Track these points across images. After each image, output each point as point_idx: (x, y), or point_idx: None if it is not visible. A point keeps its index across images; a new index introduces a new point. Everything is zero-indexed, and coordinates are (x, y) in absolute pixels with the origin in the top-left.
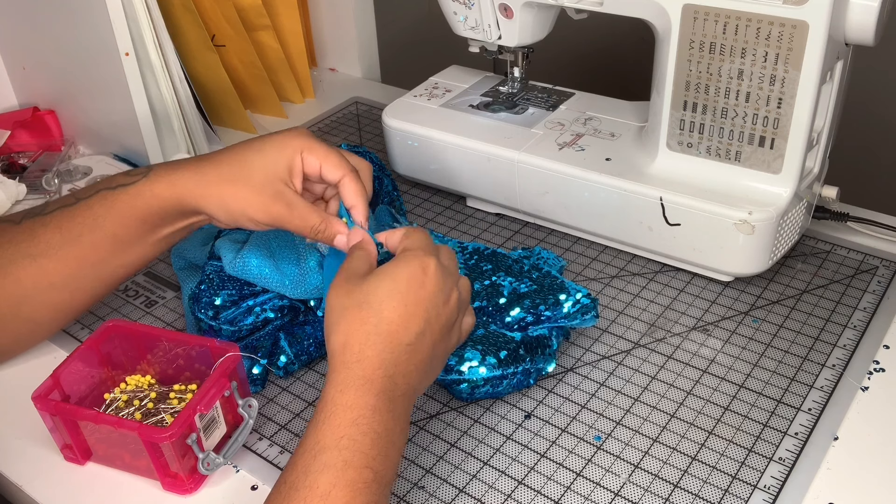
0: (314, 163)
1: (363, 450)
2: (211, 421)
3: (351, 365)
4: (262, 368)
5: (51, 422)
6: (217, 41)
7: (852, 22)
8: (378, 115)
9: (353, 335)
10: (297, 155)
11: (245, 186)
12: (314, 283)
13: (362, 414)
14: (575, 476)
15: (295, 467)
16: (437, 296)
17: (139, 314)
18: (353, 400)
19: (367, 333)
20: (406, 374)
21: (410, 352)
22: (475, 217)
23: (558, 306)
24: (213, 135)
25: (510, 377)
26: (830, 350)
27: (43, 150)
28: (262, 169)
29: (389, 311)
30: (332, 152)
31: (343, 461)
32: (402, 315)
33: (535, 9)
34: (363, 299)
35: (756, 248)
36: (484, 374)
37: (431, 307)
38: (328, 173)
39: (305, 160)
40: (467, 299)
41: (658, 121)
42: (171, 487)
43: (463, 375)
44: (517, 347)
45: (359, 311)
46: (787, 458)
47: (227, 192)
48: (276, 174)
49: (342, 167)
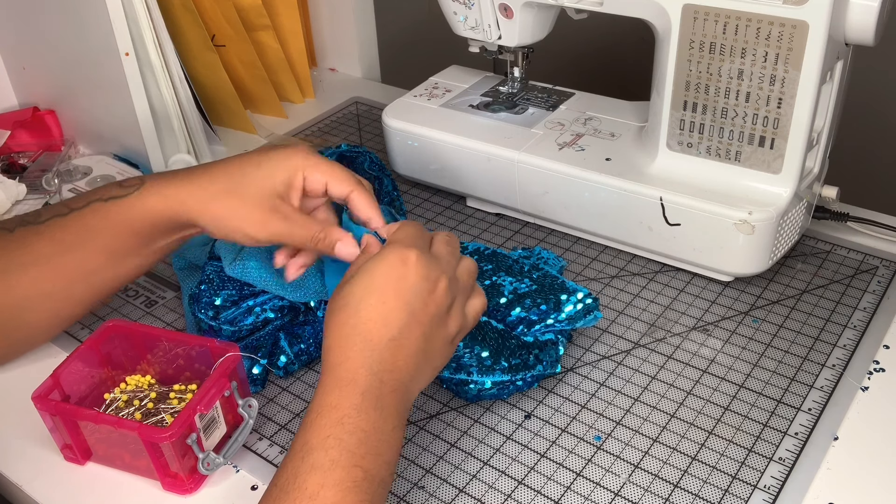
0: (319, 180)
1: (350, 448)
2: (211, 421)
3: (335, 367)
4: (262, 368)
5: (51, 422)
6: (217, 41)
7: (852, 22)
8: (378, 115)
9: (335, 338)
10: (297, 173)
11: (240, 201)
12: (314, 287)
13: (347, 413)
14: (575, 476)
15: (285, 470)
16: (420, 285)
17: (139, 314)
18: (337, 400)
19: (346, 336)
20: (394, 370)
21: (395, 347)
22: (475, 217)
23: (559, 306)
24: (213, 135)
25: (518, 382)
26: (830, 350)
27: (43, 150)
28: (259, 183)
29: (366, 309)
30: (337, 168)
31: (330, 461)
32: (381, 311)
33: (535, 9)
34: (343, 302)
35: (756, 248)
36: (494, 378)
37: (415, 298)
38: (335, 189)
39: (309, 178)
40: (470, 282)
41: (658, 121)
42: (171, 487)
43: (472, 377)
44: (528, 355)
45: (340, 314)
46: (787, 458)
47: (221, 206)
48: (272, 189)
49: (349, 182)
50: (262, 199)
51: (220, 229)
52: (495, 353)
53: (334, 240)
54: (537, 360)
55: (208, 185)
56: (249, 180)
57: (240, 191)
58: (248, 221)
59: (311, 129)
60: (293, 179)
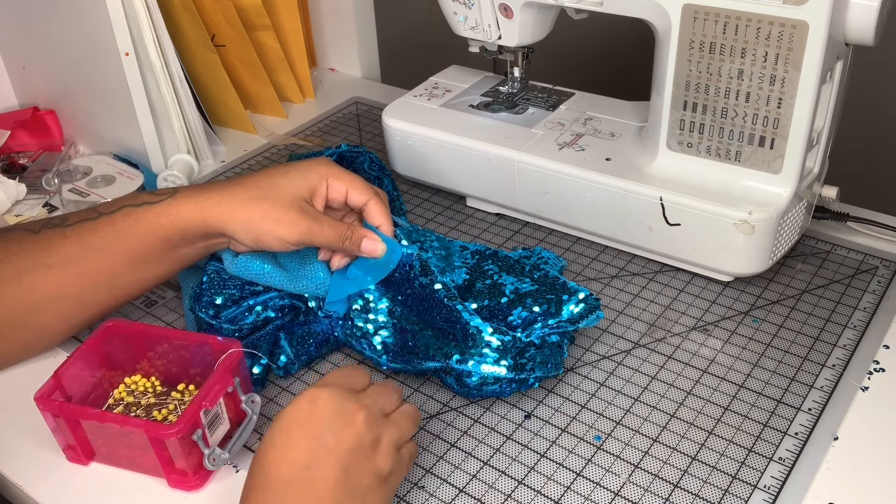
0: (340, 188)
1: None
2: (215, 417)
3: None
4: (263, 368)
5: (53, 422)
6: (217, 41)
7: (852, 22)
8: (378, 115)
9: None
10: (322, 181)
11: (271, 205)
12: (315, 279)
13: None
14: (575, 476)
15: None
16: (332, 419)
17: (139, 314)
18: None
19: (252, 484)
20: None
21: (305, 481)
22: (475, 217)
23: (560, 306)
24: (213, 135)
25: (520, 382)
26: (830, 350)
27: (43, 150)
28: (287, 189)
29: (271, 450)
30: (357, 178)
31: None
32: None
33: (535, 9)
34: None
35: (756, 248)
36: (497, 375)
37: (326, 431)
38: (354, 197)
39: (331, 186)
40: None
41: (658, 121)
42: (177, 484)
43: (478, 372)
44: (535, 355)
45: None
46: (787, 458)
47: (253, 211)
48: (300, 194)
49: (367, 191)
50: (291, 203)
51: (251, 233)
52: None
53: (361, 235)
54: (542, 363)
55: (240, 192)
56: (278, 188)
57: (270, 196)
58: (280, 222)
59: (311, 129)
60: (318, 186)
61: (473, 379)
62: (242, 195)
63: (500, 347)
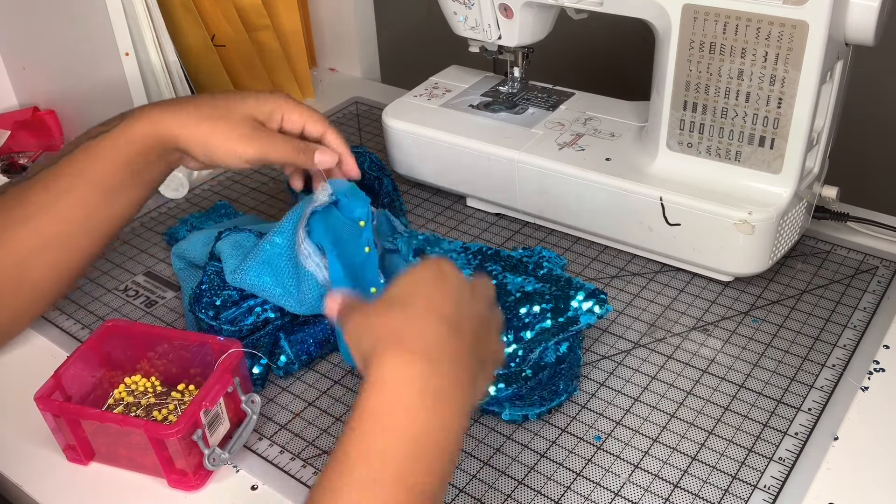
0: (297, 120)
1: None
2: (215, 417)
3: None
4: (263, 368)
5: (53, 422)
6: (217, 41)
7: (852, 22)
8: (378, 115)
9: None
10: (278, 109)
11: (226, 122)
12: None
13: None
14: (575, 476)
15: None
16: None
17: (139, 314)
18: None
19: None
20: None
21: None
22: (475, 217)
23: (568, 302)
24: None
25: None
26: (830, 350)
27: (43, 150)
28: (243, 110)
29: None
30: (314, 111)
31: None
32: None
33: (535, 9)
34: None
35: (756, 248)
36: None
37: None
38: (312, 128)
39: (287, 117)
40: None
41: (658, 121)
42: (177, 484)
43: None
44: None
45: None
46: (787, 458)
47: (207, 127)
48: (254, 116)
49: (323, 122)
50: (245, 121)
51: (206, 149)
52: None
53: (314, 149)
54: (564, 389)
55: (194, 110)
56: (233, 108)
57: (225, 116)
58: (234, 138)
59: None
60: (272, 113)
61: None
62: (196, 113)
63: (504, 375)
